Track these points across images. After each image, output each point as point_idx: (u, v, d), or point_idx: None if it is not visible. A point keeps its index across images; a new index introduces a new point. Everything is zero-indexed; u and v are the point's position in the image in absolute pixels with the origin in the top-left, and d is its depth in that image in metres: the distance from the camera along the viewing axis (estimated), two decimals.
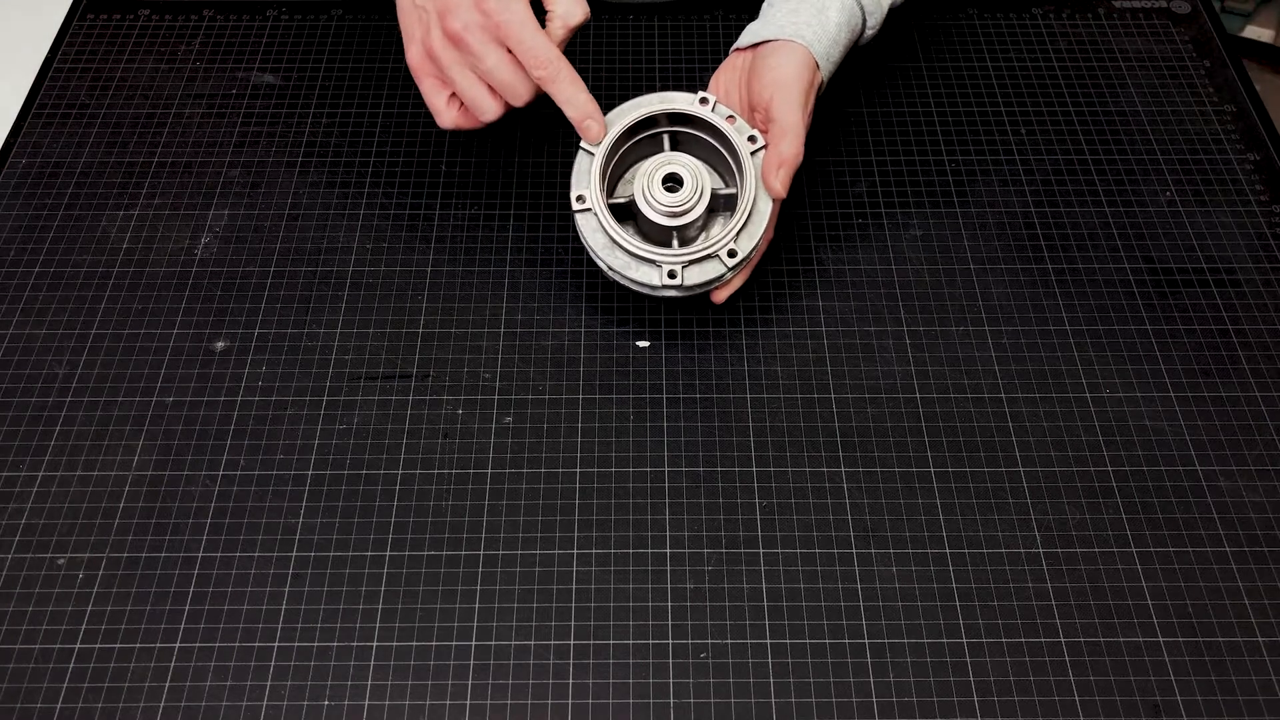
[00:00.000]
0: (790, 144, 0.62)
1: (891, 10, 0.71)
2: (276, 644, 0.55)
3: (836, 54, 0.67)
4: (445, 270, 0.69)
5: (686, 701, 0.53)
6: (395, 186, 0.74)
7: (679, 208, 0.62)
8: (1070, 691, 0.54)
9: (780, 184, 0.62)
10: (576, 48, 0.82)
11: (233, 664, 0.54)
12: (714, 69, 0.70)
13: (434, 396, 0.64)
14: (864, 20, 0.69)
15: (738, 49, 0.69)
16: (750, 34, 0.68)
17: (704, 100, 0.64)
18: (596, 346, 0.66)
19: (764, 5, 0.70)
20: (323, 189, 0.74)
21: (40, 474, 0.61)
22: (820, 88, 0.67)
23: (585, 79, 0.62)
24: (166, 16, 0.84)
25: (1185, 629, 0.56)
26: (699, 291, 0.64)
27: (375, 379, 0.64)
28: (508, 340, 0.66)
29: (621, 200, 0.64)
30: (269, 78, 0.80)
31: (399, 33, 0.66)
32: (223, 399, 0.63)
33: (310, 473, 0.61)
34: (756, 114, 0.65)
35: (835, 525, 0.59)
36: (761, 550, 0.58)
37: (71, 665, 0.54)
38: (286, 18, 0.84)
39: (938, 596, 0.57)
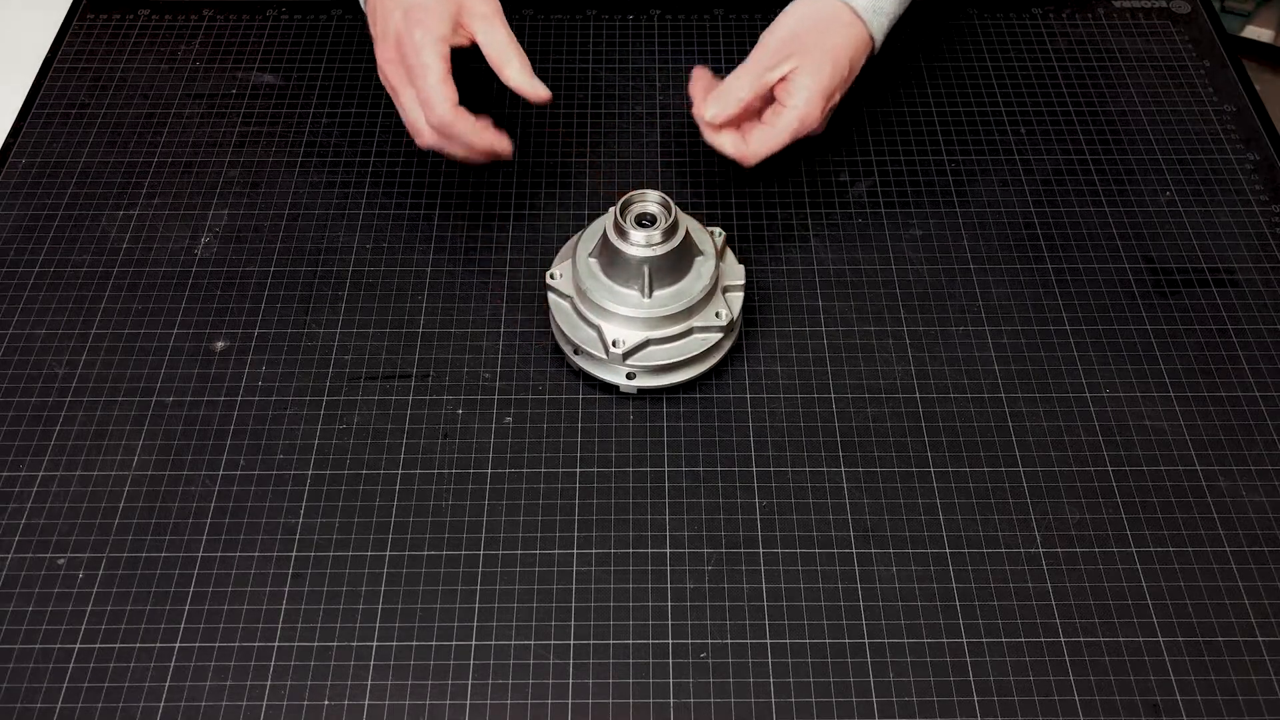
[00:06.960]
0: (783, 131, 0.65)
1: None
2: (276, 644, 0.55)
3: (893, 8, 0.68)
4: (445, 270, 0.69)
5: (686, 701, 0.53)
6: (395, 186, 0.74)
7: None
8: (1070, 691, 0.54)
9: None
10: (576, 49, 0.82)
11: (233, 664, 0.54)
12: (713, 68, 0.70)
13: (434, 396, 0.64)
14: None
15: None
16: None
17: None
18: None
19: None
20: (323, 189, 0.74)
21: (40, 474, 0.61)
22: (873, 51, 0.68)
23: (585, 80, 0.62)
24: (166, 16, 0.84)
25: (1185, 629, 0.56)
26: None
27: (375, 379, 0.64)
28: (508, 340, 0.66)
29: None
30: (269, 78, 0.80)
31: None
32: (223, 399, 0.63)
33: (310, 473, 0.61)
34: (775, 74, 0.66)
35: (835, 525, 0.59)
36: (761, 550, 0.58)
37: (71, 665, 0.54)
38: (286, 18, 0.84)
39: (938, 596, 0.57)
